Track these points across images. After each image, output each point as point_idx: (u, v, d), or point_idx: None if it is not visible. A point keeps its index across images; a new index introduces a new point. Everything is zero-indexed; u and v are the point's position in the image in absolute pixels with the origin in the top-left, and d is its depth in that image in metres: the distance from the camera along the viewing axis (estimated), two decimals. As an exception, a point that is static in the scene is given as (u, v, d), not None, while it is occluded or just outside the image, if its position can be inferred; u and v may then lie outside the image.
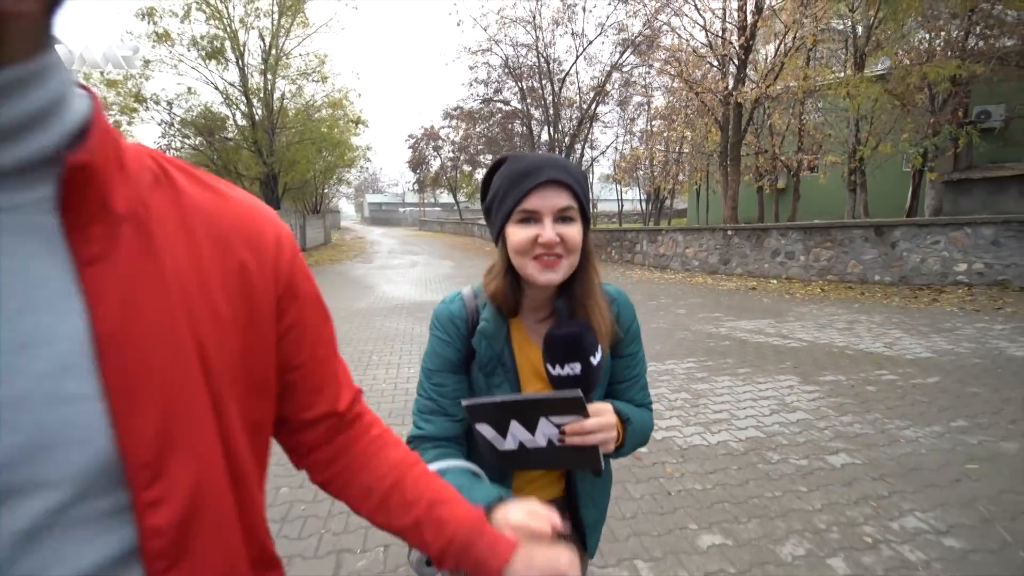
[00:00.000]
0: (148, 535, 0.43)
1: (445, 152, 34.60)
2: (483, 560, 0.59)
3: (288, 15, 17.99)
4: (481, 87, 21.07)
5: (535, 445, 0.84)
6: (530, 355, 0.95)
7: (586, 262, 0.90)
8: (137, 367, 0.42)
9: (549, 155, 0.90)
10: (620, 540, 2.21)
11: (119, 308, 0.42)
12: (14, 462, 0.37)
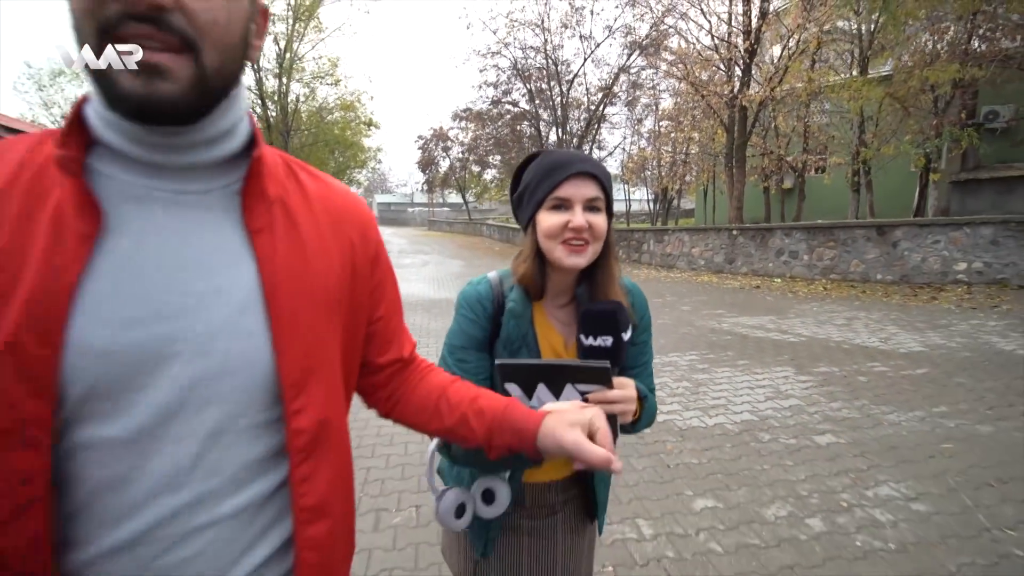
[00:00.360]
0: (292, 436, 0.58)
1: (454, 153, 34.97)
2: (520, 427, 0.69)
3: (302, 20, 18.42)
4: (490, 89, 21.38)
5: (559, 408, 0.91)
6: (550, 337, 1.02)
7: (608, 252, 0.98)
8: (290, 311, 0.57)
9: (580, 152, 1.03)
10: (624, 503, 2.51)
11: (278, 267, 0.57)
12: (207, 380, 0.53)
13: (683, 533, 2.27)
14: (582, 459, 0.66)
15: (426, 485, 1.22)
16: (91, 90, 0.51)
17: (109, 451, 0.51)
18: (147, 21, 0.45)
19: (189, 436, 0.53)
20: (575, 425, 0.67)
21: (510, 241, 25.47)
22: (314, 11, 18.54)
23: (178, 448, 0.53)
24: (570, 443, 0.66)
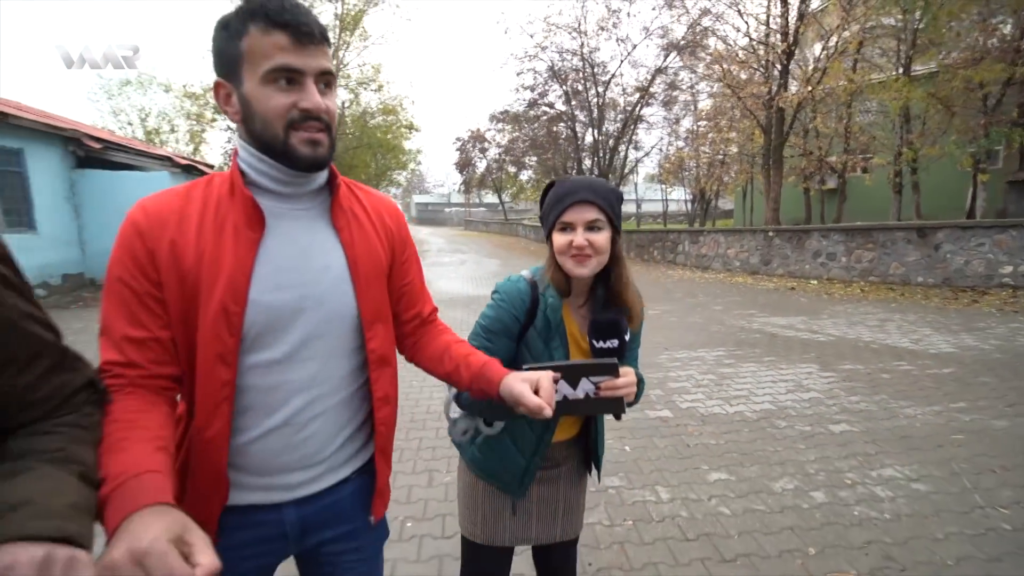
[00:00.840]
0: (369, 355, 0.96)
1: (491, 154, 35.57)
2: (490, 379, 0.99)
3: (349, 30, 19.26)
4: (527, 92, 21.74)
5: (575, 397, 1.09)
6: (571, 328, 1.26)
7: (617, 260, 1.19)
8: (365, 280, 0.94)
9: (586, 179, 1.19)
10: (645, 473, 2.84)
11: (356, 252, 0.93)
12: (323, 323, 0.89)
13: (696, 498, 2.59)
14: (522, 403, 0.92)
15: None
16: (248, 151, 0.87)
17: (267, 368, 0.87)
18: (314, 118, 0.84)
19: (313, 358, 0.90)
20: (525, 381, 0.94)
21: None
22: (359, 21, 19.34)
23: (306, 365, 0.90)
24: (517, 392, 0.92)
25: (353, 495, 1.02)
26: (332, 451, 0.97)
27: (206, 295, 0.81)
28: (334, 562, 1.04)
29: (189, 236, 0.82)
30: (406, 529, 2.37)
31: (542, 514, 1.35)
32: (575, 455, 1.39)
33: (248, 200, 0.84)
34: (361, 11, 19.25)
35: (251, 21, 0.78)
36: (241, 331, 0.84)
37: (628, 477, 2.82)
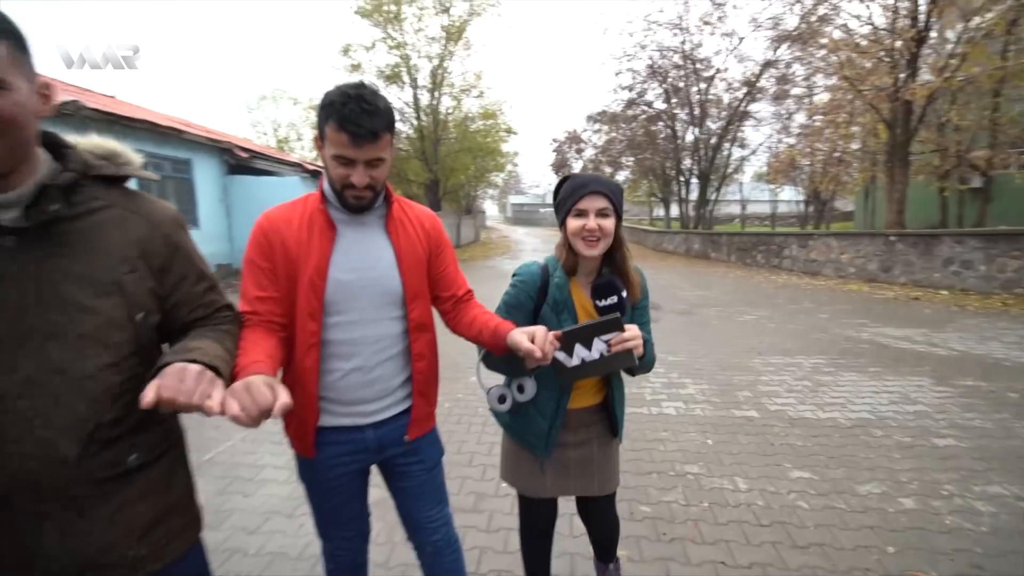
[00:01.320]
0: (411, 321, 1.38)
1: (587, 154, 35.54)
2: (500, 335, 1.33)
3: (453, 40, 20.35)
4: (625, 92, 21.57)
5: (591, 359, 1.34)
6: (582, 301, 1.51)
7: (620, 243, 1.47)
8: (408, 268, 1.35)
9: (595, 174, 1.48)
10: (725, 464, 2.98)
11: (402, 249, 1.35)
12: (377, 296, 1.33)
13: (775, 491, 2.69)
14: (519, 349, 1.26)
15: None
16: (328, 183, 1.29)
17: (342, 326, 1.30)
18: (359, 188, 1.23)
19: (373, 321, 1.33)
20: (524, 333, 1.28)
21: (640, 243, 25.36)
22: (463, 31, 20.36)
23: (368, 327, 1.32)
24: (515, 341, 1.28)
25: (406, 420, 1.43)
26: (393, 389, 1.40)
27: (301, 272, 1.26)
28: (404, 470, 1.47)
29: (292, 234, 1.27)
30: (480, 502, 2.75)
31: (578, 471, 1.59)
32: (602, 420, 1.62)
33: (324, 213, 1.30)
34: (465, 22, 20.27)
35: (330, 118, 1.17)
36: (323, 298, 1.27)
37: (708, 466, 2.97)
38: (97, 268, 0.89)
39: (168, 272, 1.00)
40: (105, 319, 0.89)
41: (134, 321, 0.93)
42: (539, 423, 1.53)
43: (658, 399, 4.09)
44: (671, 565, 2.16)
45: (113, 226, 0.93)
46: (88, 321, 0.87)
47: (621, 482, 1.70)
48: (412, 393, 1.43)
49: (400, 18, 19.47)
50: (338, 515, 1.47)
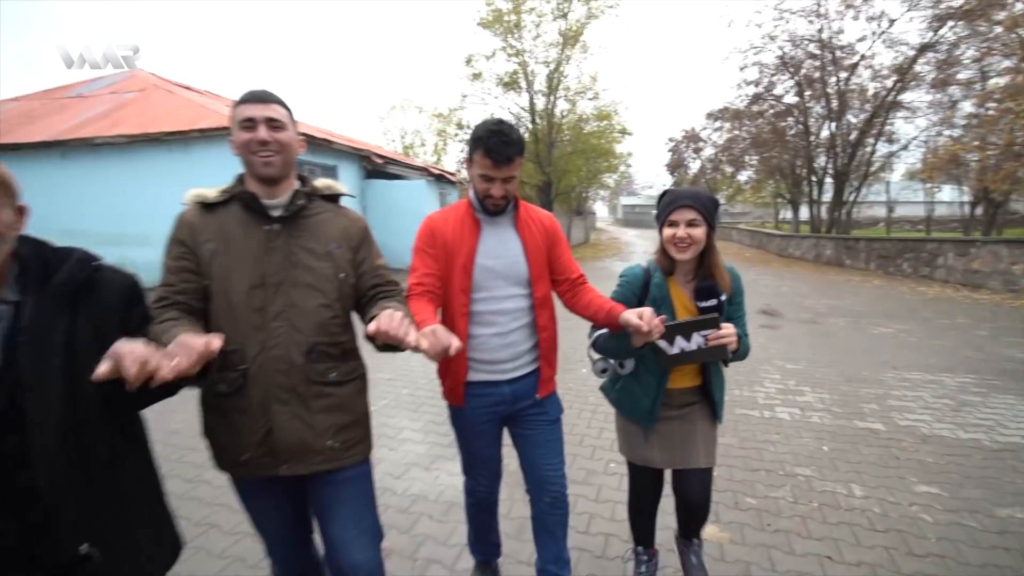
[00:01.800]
0: (535, 298, 1.74)
1: (706, 154, 33.88)
2: (614, 315, 1.59)
3: (570, 44, 20.66)
4: (750, 87, 20.31)
5: (690, 348, 1.59)
6: (680, 297, 1.74)
7: (711, 247, 1.68)
8: (531, 255, 1.72)
9: (689, 189, 1.73)
10: (840, 471, 2.93)
11: (526, 241, 1.72)
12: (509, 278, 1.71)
13: (895, 501, 2.62)
14: (629, 325, 1.51)
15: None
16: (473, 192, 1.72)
17: (485, 301, 1.69)
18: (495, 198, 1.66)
19: (508, 298, 1.71)
20: (633, 312, 1.52)
21: (763, 247, 23.67)
22: (580, 34, 20.58)
23: (504, 301, 1.71)
24: (625, 318, 1.53)
25: (536, 381, 1.78)
26: (523, 353, 1.76)
27: (455, 258, 1.67)
28: (530, 421, 1.81)
29: (449, 230, 1.69)
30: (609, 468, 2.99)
31: (682, 445, 1.79)
32: (702, 402, 1.83)
33: (472, 215, 1.71)
34: (583, 25, 20.47)
35: (478, 147, 1.58)
36: (472, 278, 1.66)
37: (820, 470, 2.95)
38: (318, 244, 1.39)
39: (359, 251, 1.47)
40: (321, 275, 1.37)
41: (338, 278, 1.40)
42: (643, 401, 1.78)
43: (772, 404, 4.04)
44: (774, 553, 2.25)
45: (327, 221, 1.44)
46: (311, 275, 1.36)
47: (728, 475, 1.87)
48: (538, 357, 1.77)
49: (520, 27, 20.24)
50: (479, 456, 1.85)
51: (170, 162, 9.17)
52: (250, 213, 1.35)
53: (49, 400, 0.99)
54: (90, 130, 9.72)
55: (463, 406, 1.75)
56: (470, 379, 1.72)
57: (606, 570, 2.18)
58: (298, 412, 1.33)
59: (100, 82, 13.45)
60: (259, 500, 1.44)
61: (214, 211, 1.36)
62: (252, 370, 1.29)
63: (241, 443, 1.32)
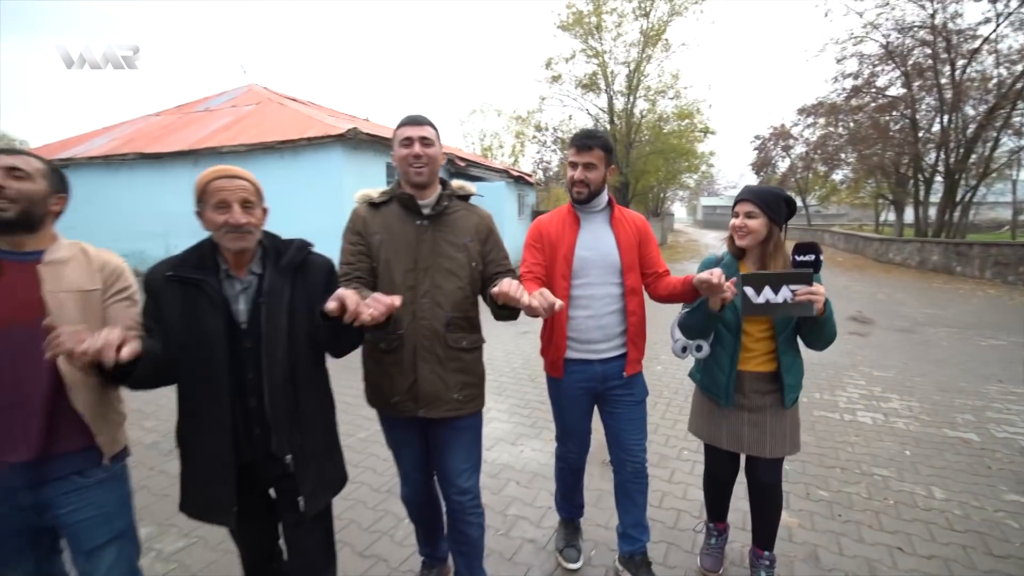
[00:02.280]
0: (626, 287, 1.99)
1: (796, 151, 31.94)
2: (689, 279, 1.86)
3: (652, 44, 20.37)
4: (849, 79, 18.99)
5: (775, 301, 1.61)
6: None
7: (770, 236, 1.86)
8: (624, 248, 2.00)
9: (754, 186, 1.99)
10: (921, 474, 2.93)
11: (619, 236, 2.01)
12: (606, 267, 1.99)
13: (978, 506, 2.60)
14: (700, 282, 1.67)
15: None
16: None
17: (583, 287, 1.99)
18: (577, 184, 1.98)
19: (602, 284, 1.99)
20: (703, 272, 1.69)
21: (859, 252, 22.03)
22: (662, 33, 20.24)
23: (599, 288, 1.99)
24: (699, 277, 1.69)
25: (624, 362, 2.02)
26: (614, 336, 2.01)
27: (558, 250, 1.98)
28: (619, 399, 2.06)
29: (553, 229, 2.01)
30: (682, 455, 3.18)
31: (752, 433, 1.94)
32: (775, 392, 1.93)
33: (574, 214, 2.02)
34: (665, 23, 20.12)
35: (571, 142, 1.94)
36: (571, 266, 1.96)
37: (900, 472, 2.96)
38: (456, 237, 1.77)
39: (486, 243, 1.84)
40: (458, 263, 1.75)
41: (470, 266, 1.78)
42: (719, 376, 1.97)
43: (853, 408, 4.00)
44: (843, 540, 2.37)
45: (463, 218, 1.82)
46: (451, 263, 1.74)
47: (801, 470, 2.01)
48: (627, 341, 2.03)
49: (600, 28, 20.28)
50: (571, 425, 2.14)
51: (281, 167, 10.28)
52: (406, 211, 1.75)
53: (277, 345, 1.43)
54: (216, 140, 11.09)
55: (561, 378, 2.05)
56: (568, 356, 2.01)
57: (677, 539, 2.40)
58: (436, 370, 1.72)
59: (222, 97, 15.24)
60: (400, 433, 1.84)
61: (379, 209, 1.78)
62: (406, 334, 1.69)
63: (393, 388, 1.73)
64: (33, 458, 1.27)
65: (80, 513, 1.35)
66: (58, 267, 1.34)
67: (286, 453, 1.47)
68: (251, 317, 1.44)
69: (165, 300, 1.41)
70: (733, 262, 1.98)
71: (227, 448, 1.39)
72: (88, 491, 1.37)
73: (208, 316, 1.39)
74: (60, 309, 1.29)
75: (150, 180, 11.59)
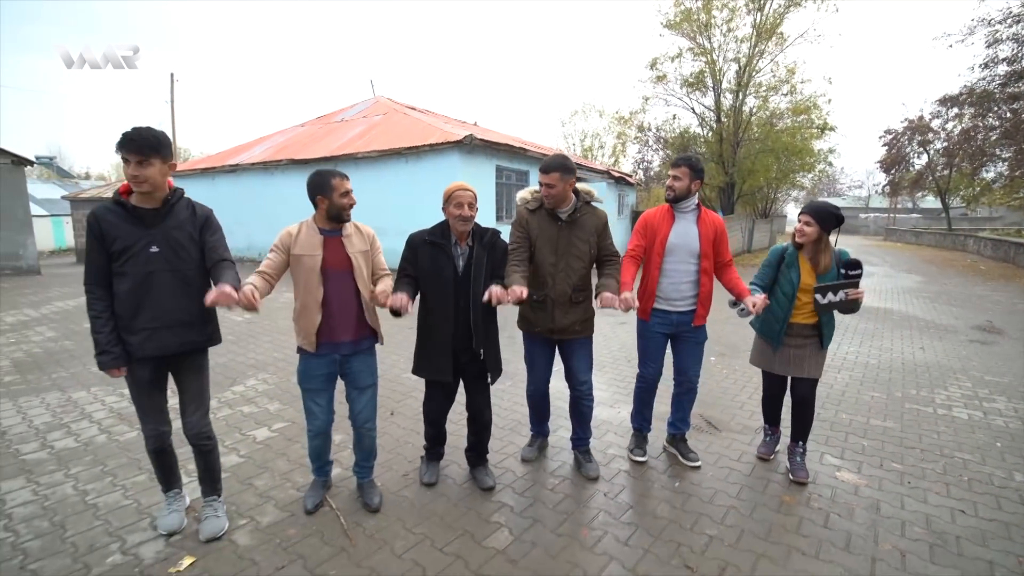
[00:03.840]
0: (701, 266, 2.80)
1: (936, 147, 28.52)
2: (744, 294, 2.70)
3: (765, 38, 19.50)
4: (1002, 65, 16.87)
5: (835, 300, 2.60)
6: (805, 266, 2.72)
7: (820, 239, 2.67)
8: (703, 241, 2.79)
9: (812, 202, 2.71)
10: (1007, 461, 3.06)
11: (701, 232, 2.80)
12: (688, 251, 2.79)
13: (1059, 490, 2.74)
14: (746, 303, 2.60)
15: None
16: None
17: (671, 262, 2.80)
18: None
19: (684, 262, 2.81)
20: (749, 298, 2.60)
21: (1009, 260, 19.38)
22: (778, 26, 19.30)
23: (682, 264, 2.82)
24: (745, 300, 2.63)
25: (693, 316, 2.81)
26: (687, 297, 2.82)
27: (656, 234, 2.82)
28: (685, 340, 2.89)
29: (654, 221, 2.86)
30: (763, 427, 3.57)
31: (796, 361, 2.81)
32: (814, 336, 2.79)
33: (670, 211, 2.83)
34: (781, 15, 19.18)
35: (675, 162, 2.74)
36: (664, 248, 2.76)
37: (983, 458, 3.12)
38: (583, 234, 2.54)
39: (602, 236, 2.57)
40: (583, 252, 2.53)
41: (590, 253, 2.54)
42: (774, 326, 2.84)
43: (950, 404, 4.06)
44: (907, 500, 2.67)
45: (588, 219, 2.58)
46: (580, 250, 2.55)
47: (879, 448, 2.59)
48: (697, 303, 2.77)
49: (709, 25, 19.83)
50: (650, 353, 2.92)
51: (407, 169, 11.63)
52: (550, 216, 2.62)
53: (479, 292, 2.33)
54: (353, 147, 12.76)
55: (648, 321, 2.84)
56: (655, 307, 2.86)
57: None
58: (566, 312, 2.61)
59: (355, 109, 17.28)
60: (539, 347, 2.81)
61: (534, 213, 2.61)
62: (550, 294, 2.57)
63: (538, 322, 2.67)
64: (354, 338, 2.38)
65: (360, 367, 2.44)
66: (350, 238, 2.32)
67: (480, 348, 2.48)
68: (464, 269, 2.42)
69: (420, 253, 2.46)
70: (795, 252, 2.77)
71: (448, 339, 2.47)
72: (367, 357, 2.47)
73: (443, 264, 2.43)
74: (356, 261, 2.30)
75: (297, 181, 13.55)
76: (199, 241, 2.16)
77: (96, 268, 2.03)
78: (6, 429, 3.45)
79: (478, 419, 2.69)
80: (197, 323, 2.17)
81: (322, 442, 2.50)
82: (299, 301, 2.31)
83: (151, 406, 2.20)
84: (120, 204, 2.03)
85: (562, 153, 2.69)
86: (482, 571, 2.10)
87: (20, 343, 5.81)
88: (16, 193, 12.94)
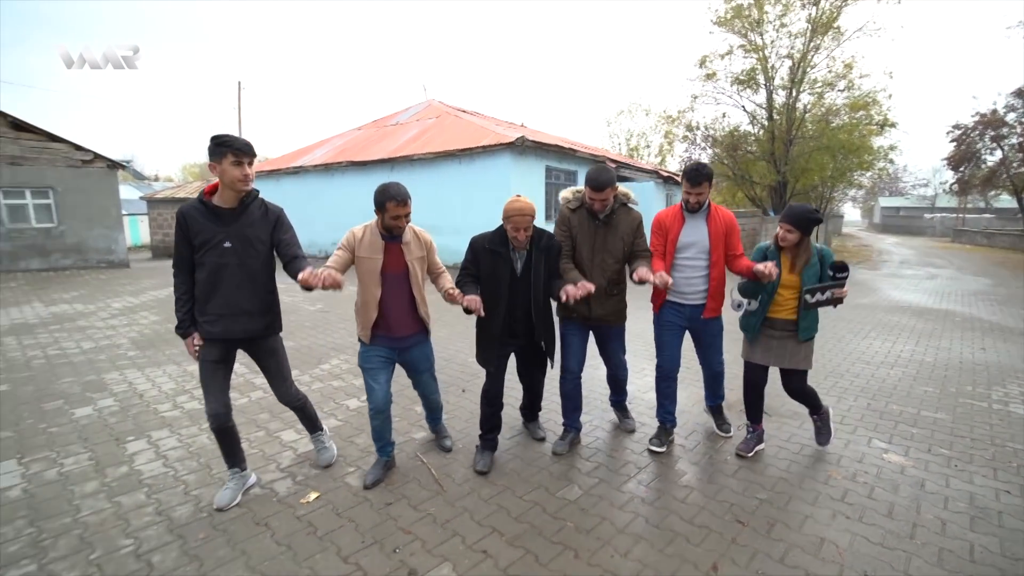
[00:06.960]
0: (711, 261, 3.02)
1: (1011, 142, 26.74)
2: (751, 266, 2.82)
3: (821, 33, 18.92)
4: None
5: (823, 299, 2.80)
6: (786, 263, 2.88)
7: (803, 241, 2.82)
8: (713, 238, 3.00)
9: (791, 207, 2.81)
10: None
11: (711, 230, 3.00)
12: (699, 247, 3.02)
13: (1110, 477, 2.82)
14: (755, 271, 2.76)
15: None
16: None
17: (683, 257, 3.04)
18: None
19: (694, 258, 3.04)
20: (760, 264, 2.75)
21: None
22: (834, 20, 18.70)
23: (692, 259, 3.04)
24: (757, 268, 2.74)
25: (703, 308, 3.07)
26: (699, 291, 3.05)
27: (668, 233, 3.05)
28: (704, 333, 3.16)
29: (668, 220, 3.07)
30: (813, 414, 3.75)
31: (780, 352, 2.96)
32: (794, 330, 2.92)
33: (682, 212, 3.03)
34: (838, 8, 18.57)
35: (685, 178, 2.95)
36: (676, 246, 3.03)
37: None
38: (618, 232, 2.91)
39: (636, 235, 2.93)
40: (617, 249, 2.92)
41: (624, 251, 2.88)
42: (752, 321, 3.01)
43: (1007, 400, 4.10)
44: (952, 480, 2.83)
45: (624, 219, 2.94)
46: (613, 248, 2.93)
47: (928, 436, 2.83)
48: (707, 296, 3.02)
49: (761, 21, 19.44)
50: (666, 344, 3.15)
51: (460, 170, 12.14)
52: (589, 216, 2.90)
53: (539, 287, 2.69)
54: (408, 149, 13.40)
55: (660, 313, 3.13)
56: (667, 299, 3.12)
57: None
58: (601, 302, 2.97)
59: (408, 112, 18.01)
60: (574, 330, 3.07)
61: (575, 211, 2.93)
62: None
63: (578, 309, 2.95)
64: (408, 334, 2.72)
65: (417, 355, 2.83)
66: (409, 245, 2.63)
67: (542, 339, 2.81)
68: (523, 272, 2.74)
69: (481, 257, 2.75)
70: (776, 250, 2.95)
71: (497, 333, 2.78)
72: (422, 347, 2.85)
73: (501, 268, 2.72)
74: (412, 267, 2.63)
75: (356, 182, 14.31)
76: (270, 239, 2.39)
77: (181, 257, 2.33)
78: (143, 392, 4.09)
79: (533, 388, 3.20)
80: (257, 313, 2.41)
81: (382, 422, 2.70)
82: (360, 297, 2.65)
83: (213, 384, 2.41)
84: (203, 203, 2.29)
85: (605, 165, 3.00)
86: (559, 514, 2.46)
87: (132, 325, 6.62)
88: (110, 194, 14.33)
